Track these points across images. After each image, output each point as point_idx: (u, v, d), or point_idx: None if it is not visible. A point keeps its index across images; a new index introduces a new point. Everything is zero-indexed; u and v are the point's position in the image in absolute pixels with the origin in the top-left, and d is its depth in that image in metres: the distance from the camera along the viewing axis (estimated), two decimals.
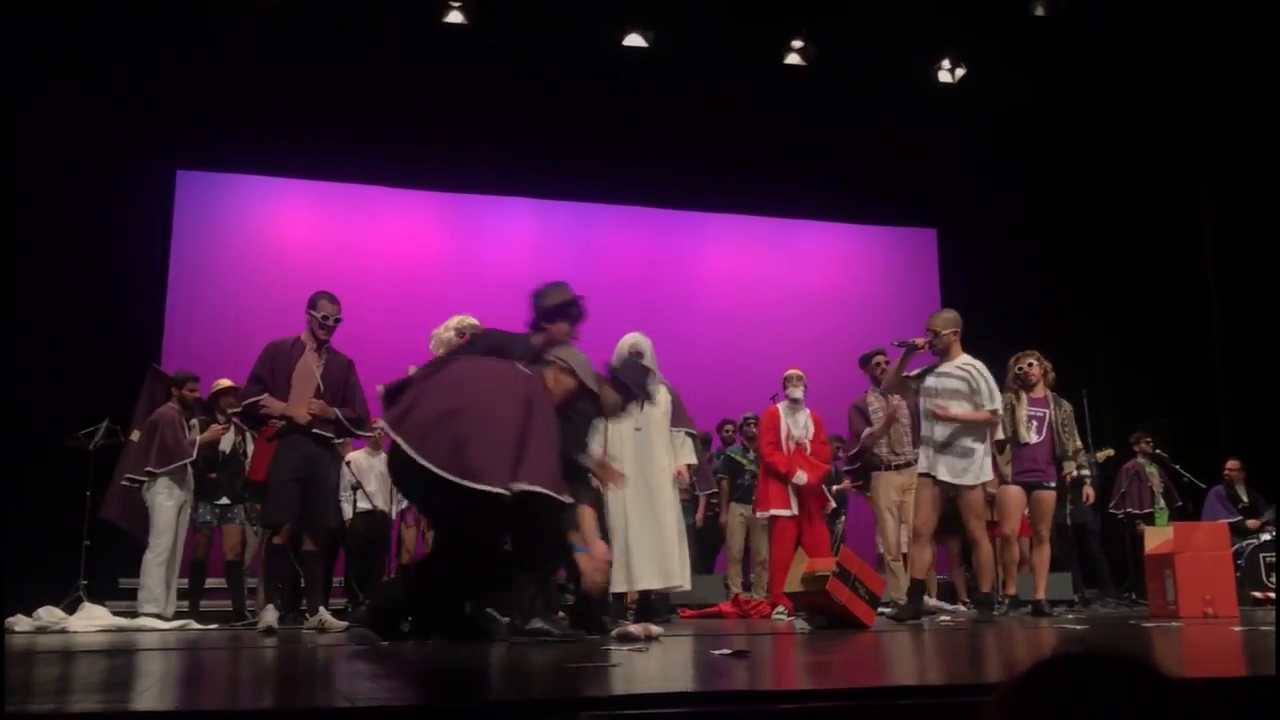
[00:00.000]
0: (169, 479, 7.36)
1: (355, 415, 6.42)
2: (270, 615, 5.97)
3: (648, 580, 6.82)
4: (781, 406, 8.06)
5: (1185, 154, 11.80)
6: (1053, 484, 7.24)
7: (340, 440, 6.58)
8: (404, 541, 9.08)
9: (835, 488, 9.19)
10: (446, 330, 6.74)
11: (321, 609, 6.33)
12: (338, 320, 6.38)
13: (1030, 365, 7.37)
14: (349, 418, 6.36)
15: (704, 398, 10.61)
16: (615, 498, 6.61)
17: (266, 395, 6.12)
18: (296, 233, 11.47)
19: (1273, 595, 8.74)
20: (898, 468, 7.73)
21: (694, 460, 7.79)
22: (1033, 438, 7.15)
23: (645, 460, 6.88)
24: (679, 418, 7.38)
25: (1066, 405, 7.50)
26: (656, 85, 11.18)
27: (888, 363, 7.74)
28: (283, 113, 10.61)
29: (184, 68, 10.29)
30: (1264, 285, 10.66)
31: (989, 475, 6.73)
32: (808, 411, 8.08)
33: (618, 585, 6.65)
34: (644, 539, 6.75)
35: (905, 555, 7.44)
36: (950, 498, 6.65)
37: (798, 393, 8.05)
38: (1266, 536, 9.25)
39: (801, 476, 7.72)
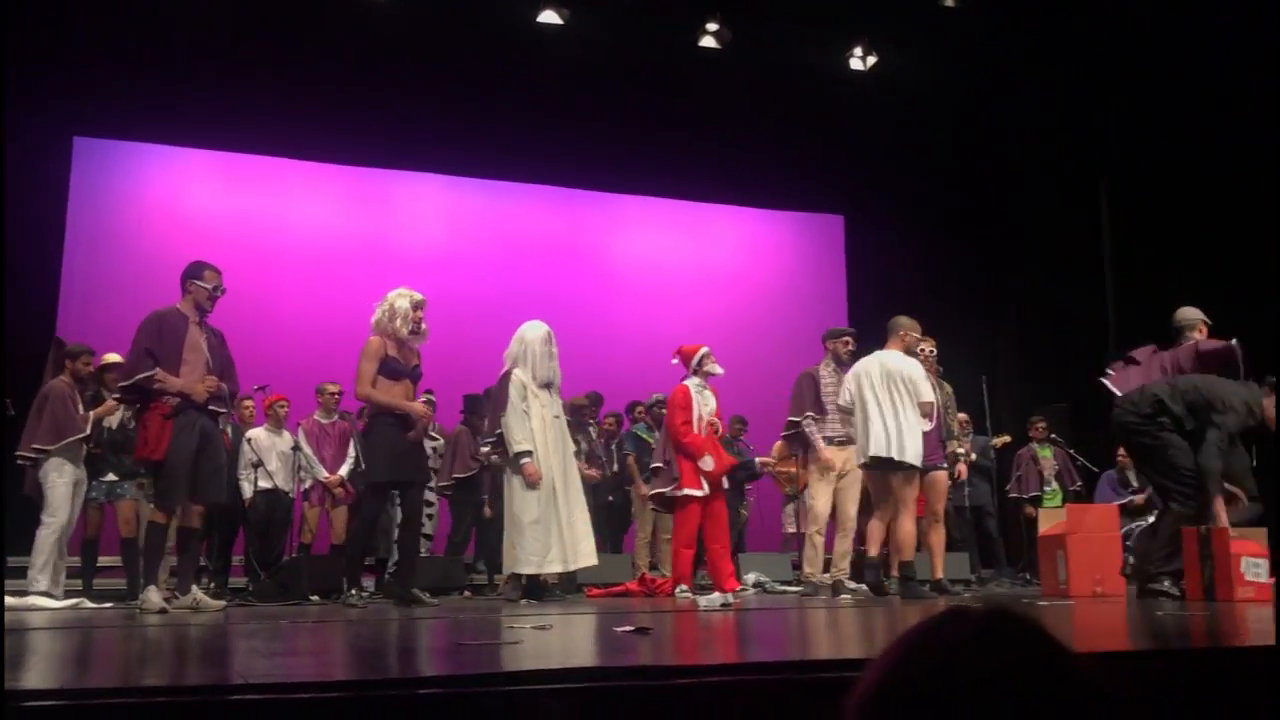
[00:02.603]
0: (62, 455, 7.13)
1: (235, 389, 6.40)
2: (155, 595, 5.77)
3: (588, 559, 7.17)
4: (692, 384, 7.62)
5: (1085, 144, 12.12)
6: (944, 465, 7.44)
7: (224, 412, 6.43)
8: (306, 520, 8.93)
9: (759, 459, 9.41)
10: (401, 298, 6.53)
11: (195, 588, 6.13)
12: (223, 290, 6.21)
13: (931, 351, 7.58)
14: (231, 393, 6.30)
15: (616, 378, 10.62)
16: (546, 483, 6.97)
17: (160, 370, 5.90)
18: (199, 204, 11.17)
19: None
20: (839, 443, 7.55)
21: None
22: (926, 425, 7.32)
23: (565, 446, 7.25)
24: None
25: (948, 387, 7.69)
26: (571, 63, 11.12)
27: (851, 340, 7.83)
28: (186, 82, 10.32)
29: (83, 29, 9.95)
30: (1158, 274, 10.99)
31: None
32: (710, 389, 7.74)
33: (553, 566, 7.01)
34: (576, 521, 7.10)
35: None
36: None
37: (719, 369, 7.61)
38: (1152, 519, 9.54)
39: (709, 462, 7.39)
